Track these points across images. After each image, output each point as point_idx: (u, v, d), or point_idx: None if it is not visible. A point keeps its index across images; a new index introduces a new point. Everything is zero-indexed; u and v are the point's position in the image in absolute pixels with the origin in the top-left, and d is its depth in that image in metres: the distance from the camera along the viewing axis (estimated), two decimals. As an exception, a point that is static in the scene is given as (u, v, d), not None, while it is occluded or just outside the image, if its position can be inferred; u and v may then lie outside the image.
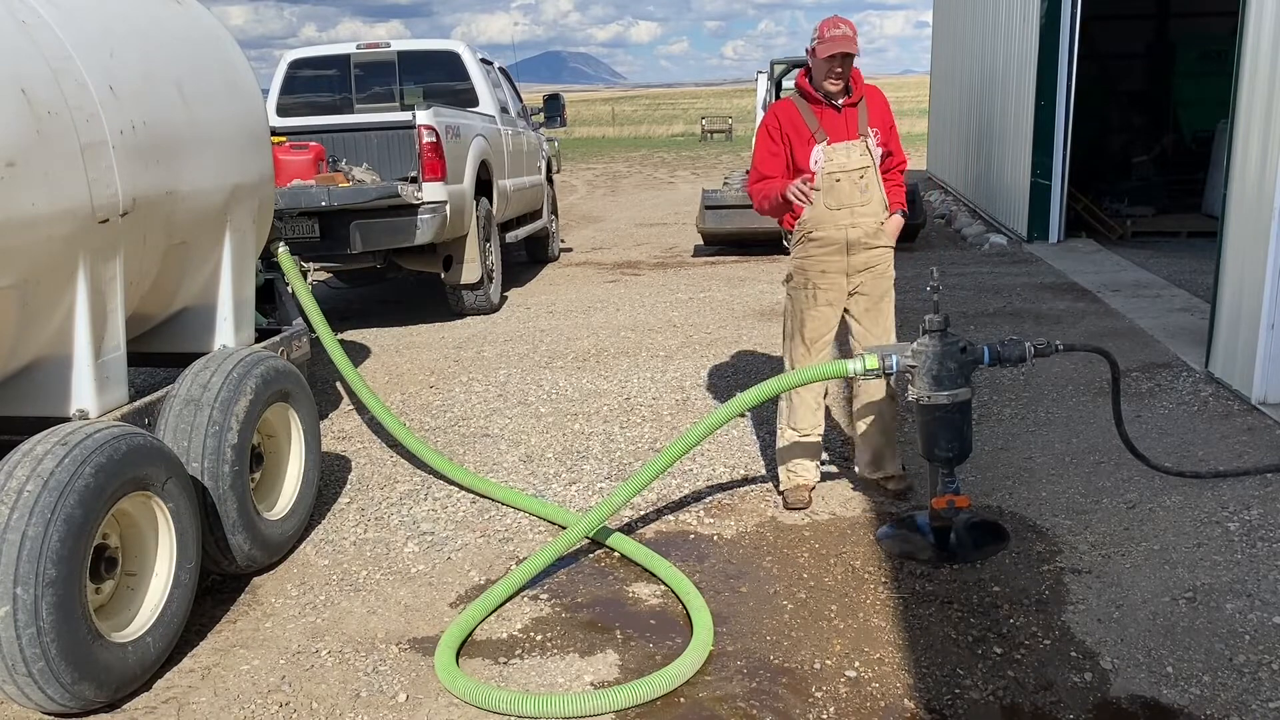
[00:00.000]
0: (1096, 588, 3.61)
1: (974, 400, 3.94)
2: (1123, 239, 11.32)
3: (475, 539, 4.30)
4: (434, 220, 7.71)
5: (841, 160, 4.10)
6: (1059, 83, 10.82)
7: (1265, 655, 3.12)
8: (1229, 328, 5.76)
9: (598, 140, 45.94)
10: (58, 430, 3.04)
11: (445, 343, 7.95)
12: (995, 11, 13.76)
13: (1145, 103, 14.82)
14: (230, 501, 3.66)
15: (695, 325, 8.10)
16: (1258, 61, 5.50)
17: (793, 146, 4.14)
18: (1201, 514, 4.09)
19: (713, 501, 4.58)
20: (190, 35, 4.31)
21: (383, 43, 9.75)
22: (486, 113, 9.56)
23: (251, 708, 3.10)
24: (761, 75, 13.54)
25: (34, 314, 3.27)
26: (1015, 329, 7.32)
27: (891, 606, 3.59)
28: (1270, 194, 5.22)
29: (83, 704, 2.97)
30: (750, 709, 3.03)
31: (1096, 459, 4.79)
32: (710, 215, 11.56)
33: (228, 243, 4.41)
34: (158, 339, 4.39)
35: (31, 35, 3.26)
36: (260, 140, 4.73)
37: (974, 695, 3.04)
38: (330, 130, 8.52)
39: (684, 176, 25.27)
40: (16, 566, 2.75)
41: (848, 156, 4.11)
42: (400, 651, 3.42)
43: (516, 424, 5.80)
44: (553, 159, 12.48)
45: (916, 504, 4.37)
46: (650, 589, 3.79)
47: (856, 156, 4.11)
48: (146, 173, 3.69)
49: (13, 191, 3.03)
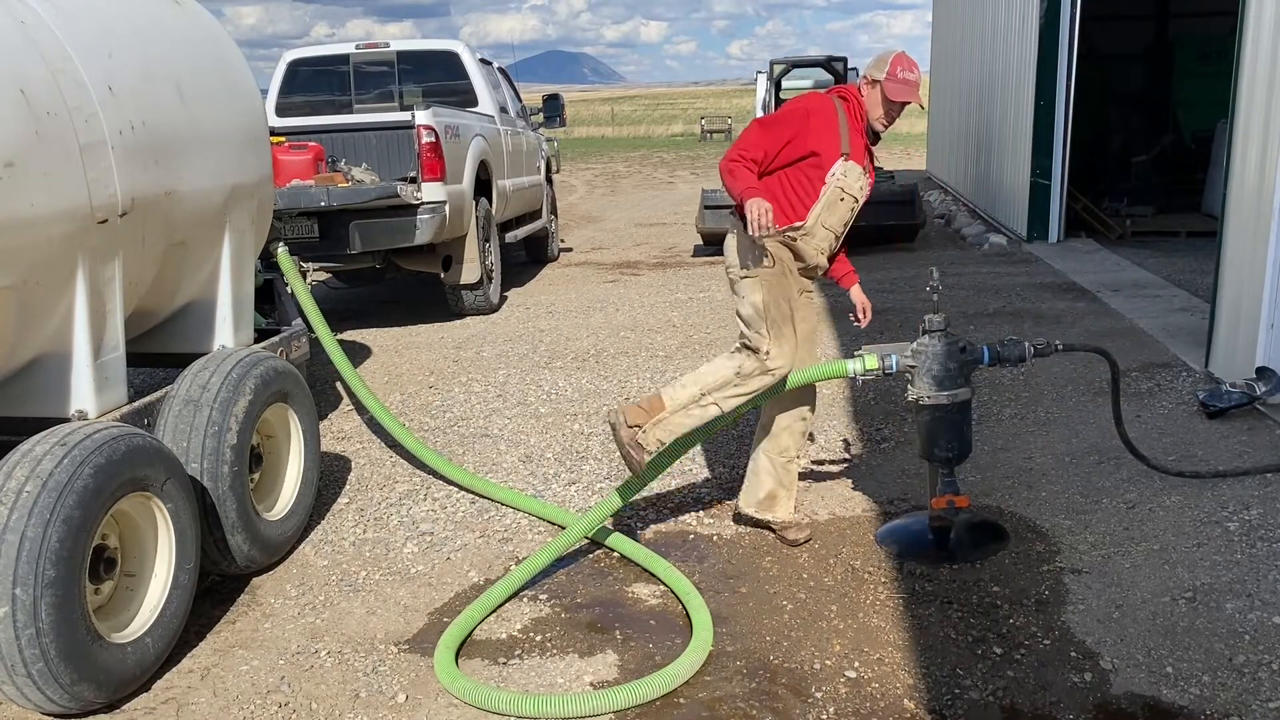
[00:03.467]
0: (1096, 588, 3.61)
1: (974, 400, 3.94)
2: (1122, 239, 11.32)
3: (475, 539, 4.30)
4: (433, 220, 7.70)
5: (853, 184, 3.78)
6: (1059, 83, 10.82)
7: (1265, 655, 3.12)
8: (1229, 328, 5.76)
9: (597, 140, 45.94)
10: (57, 431, 3.04)
11: (444, 343, 7.95)
12: (995, 12, 13.76)
13: (1145, 103, 14.83)
14: (229, 502, 3.66)
15: (695, 325, 8.10)
16: (1257, 61, 5.50)
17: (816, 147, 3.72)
18: (1201, 514, 4.09)
19: (713, 502, 4.57)
20: (189, 35, 4.30)
21: (382, 43, 9.75)
22: (486, 113, 9.56)
23: (251, 708, 3.10)
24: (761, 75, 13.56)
25: (33, 314, 3.26)
26: (1015, 329, 7.31)
27: (891, 607, 3.59)
28: (1270, 194, 5.22)
29: (82, 705, 2.97)
30: (750, 709, 3.02)
31: (1096, 459, 4.79)
32: (710, 215, 11.57)
33: (227, 243, 4.41)
34: (157, 339, 4.39)
35: (30, 35, 3.26)
36: (259, 140, 4.72)
37: (974, 695, 3.04)
38: (329, 130, 8.52)
39: (683, 176, 25.27)
40: (15, 567, 2.74)
41: (858, 184, 3.80)
42: (400, 652, 3.42)
43: (516, 424, 5.80)
44: (552, 159, 12.48)
45: (916, 504, 4.37)
46: (650, 589, 3.79)
47: (859, 188, 3.81)
48: (145, 173, 3.69)
49: (12, 192, 3.02)
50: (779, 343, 3.68)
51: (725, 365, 3.75)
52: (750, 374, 3.69)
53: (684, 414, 3.70)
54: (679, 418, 3.70)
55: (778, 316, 3.69)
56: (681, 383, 3.77)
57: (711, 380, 3.72)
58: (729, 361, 3.75)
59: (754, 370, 3.69)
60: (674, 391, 3.75)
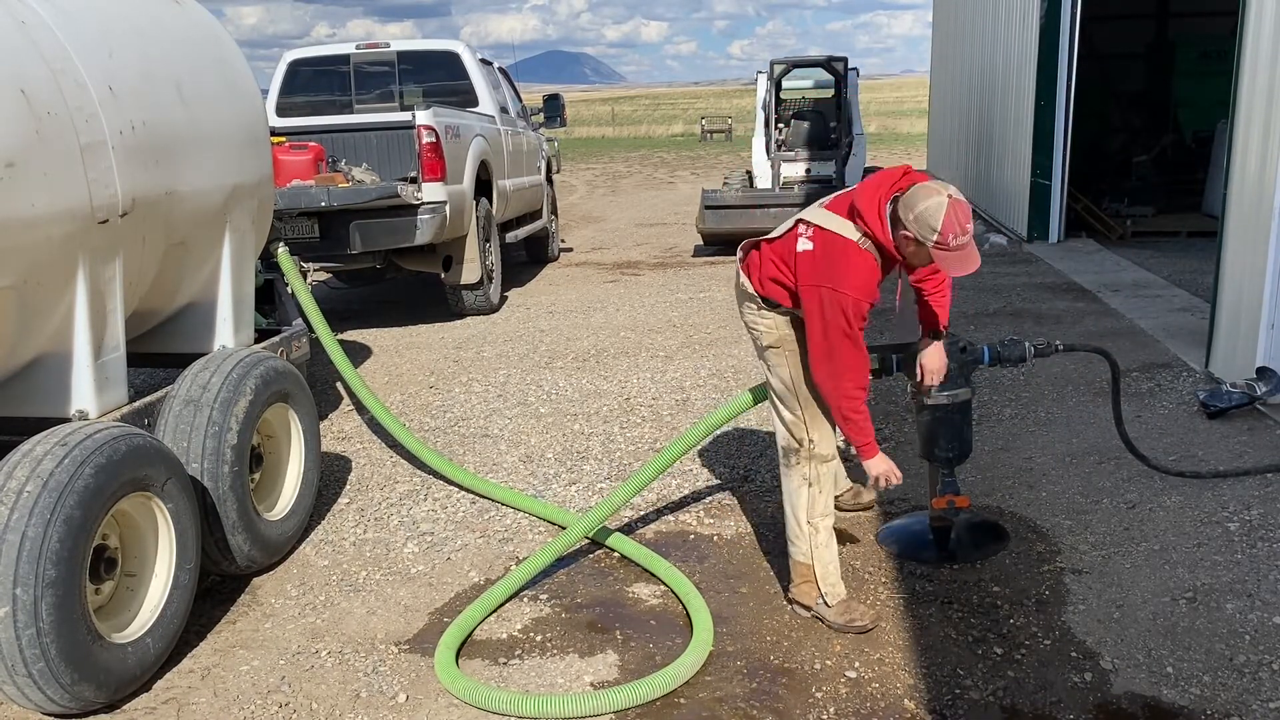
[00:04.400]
0: (1097, 588, 3.61)
1: (974, 400, 3.94)
2: (1122, 239, 11.31)
3: (475, 539, 4.30)
4: (433, 220, 7.71)
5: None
6: (1059, 83, 10.82)
7: (1265, 655, 3.12)
8: (1229, 328, 5.76)
9: (597, 140, 45.94)
10: (57, 431, 3.04)
11: (445, 343, 7.95)
12: (995, 12, 13.76)
13: (1145, 103, 14.83)
14: (230, 502, 3.66)
15: (695, 325, 8.10)
16: (1258, 61, 5.50)
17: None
18: (1202, 514, 4.09)
19: (713, 502, 4.58)
20: (189, 35, 4.30)
21: (382, 43, 9.75)
22: (486, 113, 9.56)
23: (251, 708, 3.10)
24: (761, 76, 13.54)
25: (33, 314, 3.26)
26: (1015, 329, 7.32)
27: (891, 606, 3.59)
28: (1270, 194, 5.22)
29: (82, 705, 2.97)
30: (750, 709, 3.02)
31: (1097, 459, 4.79)
32: (710, 215, 11.57)
33: (227, 243, 4.41)
34: (157, 339, 4.39)
35: (31, 36, 3.26)
36: (259, 140, 4.72)
37: (974, 695, 3.04)
38: (330, 130, 8.52)
39: (684, 176, 25.26)
40: (16, 567, 2.75)
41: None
42: (400, 652, 3.42)
43: (516, 424, 5.80)
44: (552, 159, 12.48)
45: (916, 504, 4.37)
46: (650, 589, 3.79)
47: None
48: (146, 173, 3.69)
49: (12, 192, 3.02)
50: (815, 425, 3.42)
51: (795, 486, 3.49)
52: (817, 476, 3.44)
53: (820, 550, 3.47)
54: (820, 554, 3.48)
55: (811, 392, 3.38)
56: (790, 537, 3.56)
57: (799, 505, 3.49)
58: (792, 479, 3.50)
59: (814, 468, 3.44)
60: (795, 547, 3.53)
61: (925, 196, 3.02)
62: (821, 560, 3.46)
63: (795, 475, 3.47)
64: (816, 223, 3.26)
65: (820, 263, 3.17)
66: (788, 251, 3.33)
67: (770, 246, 3.44)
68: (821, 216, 3.27)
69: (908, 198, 3.07)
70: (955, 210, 3.00)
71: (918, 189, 3.07)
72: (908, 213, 3.05)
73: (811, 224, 3.27)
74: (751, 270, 3.48)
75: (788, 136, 13.09)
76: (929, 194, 3.02)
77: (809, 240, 3.24)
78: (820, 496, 3.45)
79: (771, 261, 3.40)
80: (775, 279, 3.38)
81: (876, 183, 3.21)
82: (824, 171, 12.54)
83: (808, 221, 3.30)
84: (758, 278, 3.45)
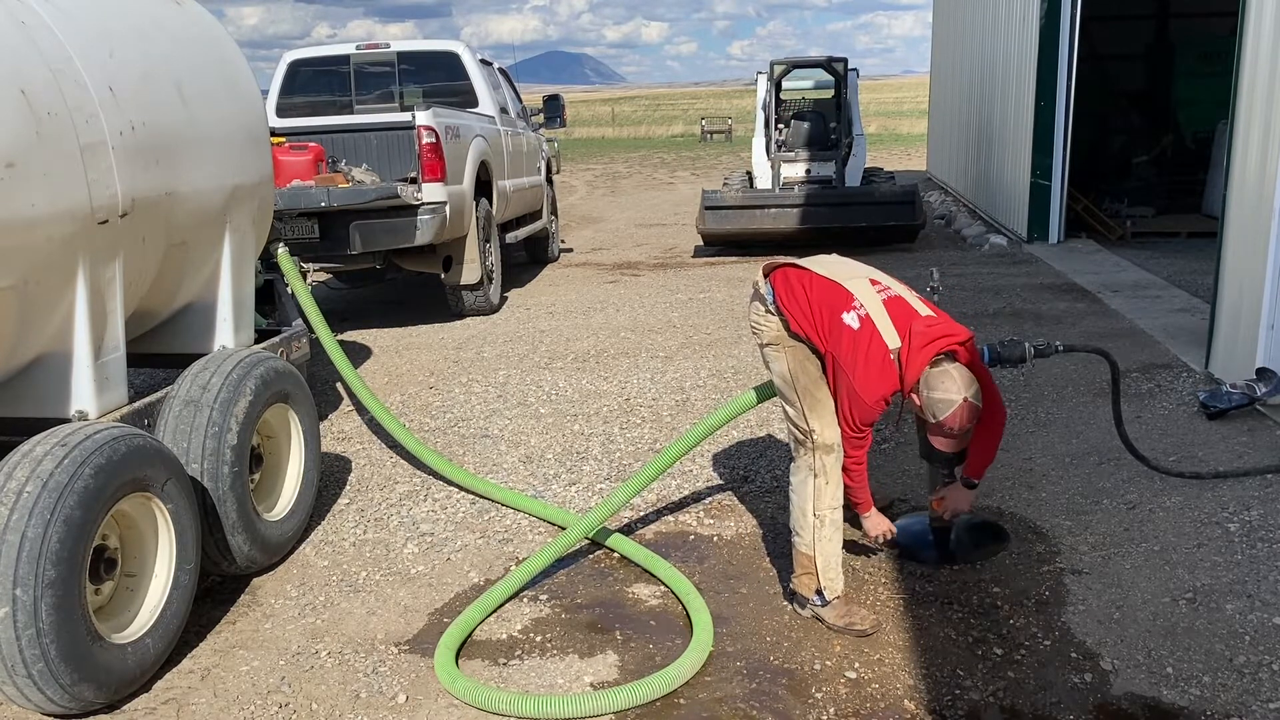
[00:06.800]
0: (1097, 589, 3.61)
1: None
2: (1122, 239, 11.32)
3: (475, 540, 4.30)
4: (433, 221, 7.71)
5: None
6: (1059, 83, 10.82)
7: (1265, 656, 3.12)
8: (1229, 328, 5.76)
9: (597, 141, 45.94)
10: (57, 431, 3.04)
11: (445, 343, 7.95)
12: (995, 12, 13.76)
13: (1145, 103, 14.82)
14: (230, 502, 3.66)
15: (695, 326, 8.10)
16: (1258, 61, 5.50)
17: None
18: (1202, 515, 4.09)
19: (713, 502, 4.58)
20: (189, 35, 4.30)
21: (383, 43, 9.76)
22: (486, 113, 9.56)
23: (251, 709, 3.10)
24: (761, 76, 13.54)
25: (33, 315, 3.26)
26: (1015, 329, 7.31)
27: (891, 607, 3.59)
28: (1270, 194, 5.22)
29: (82, 705, 2.97)
30: (750, 710, 3.02)
31: (1097, 460, 4.79)
32: (710, 216, 11.57)
33: (227, 243, 4.41)
34: (157, 340, 4.39)
35: (31, 36, 3.26)
36: (259, 141, 4.73)
37: (974, 696, 3.04)
38: (330, 131, 8.52)
39: (684, 177, 25.27)
40: (16, 567, 2.75)
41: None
42: (400, 652, 3.42)
43: (516, 425, 5.80)
44: (552, 159, 12.49)
45: (916, 504, 4.37)
46: (650, 590, 3.79)
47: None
48: (146, 173, 3.69)
49: (12, 192, 3.02)
50: (817, 415, 3.41)
51: (802, 477, 3.50)
52: (823, 467, 3.43)
53: (824, 542, 3.46)
54: (823, 546, 3.48)
55: (807, 383, 3.43)
56: (794, 527, 3.55)
57: (805, 496, 3.48)
58: (799, 471, 3.49)
59: (819, 458, 3.43)
60: (799, 538, 3.52)
61: (948, 389, 3.13)
62: (824, 553, 3.48)
63: (802, 466, 3.51)
64: (872, 314, 3.27)
65: (860, 353, 3.24)
66: (832, 307, 3.33)
67: (816, 282, 3.41)
68: (879, 311, 3.28)
69: (933, 376, 3.16)
70: (964, 412, 3.13)
71: (947, 374, 3.15)
72: (926, 389, 3.16)
73: (868, 311, 3.28)
74: (777, 282, 3.50)
75: (788, 137, 13.09)
76: (951, 389, 3.13)
77: (857, 320, 3.27)
78: (827, 488, 3.46)
79: (806, 294, 3.40)
80: (805, 313, 3.39)
81: (941, 331, 3.24)
82: (824, 172, 12.55)
83: (865, 305, 3.29)
84: (783, 290, 3.46)
